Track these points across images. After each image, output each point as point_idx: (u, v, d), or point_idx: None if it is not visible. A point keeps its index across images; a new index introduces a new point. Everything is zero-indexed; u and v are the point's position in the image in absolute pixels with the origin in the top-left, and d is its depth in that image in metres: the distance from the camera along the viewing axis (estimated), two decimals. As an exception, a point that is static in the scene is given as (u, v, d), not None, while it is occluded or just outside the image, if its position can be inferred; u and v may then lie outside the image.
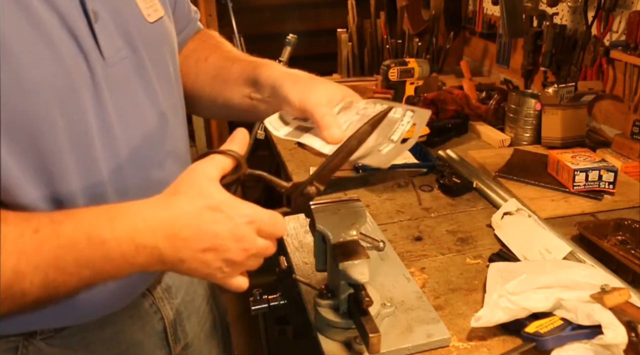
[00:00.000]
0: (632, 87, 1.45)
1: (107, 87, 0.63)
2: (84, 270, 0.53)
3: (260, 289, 1.03)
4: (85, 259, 0.53)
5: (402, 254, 1.03)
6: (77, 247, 0.52)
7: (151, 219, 0.55)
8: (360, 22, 2.25)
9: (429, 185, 1.31)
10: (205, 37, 0.95)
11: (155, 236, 0.54)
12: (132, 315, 0.77)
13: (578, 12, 1.65)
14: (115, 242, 0.53)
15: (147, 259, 0.55)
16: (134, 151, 0.68)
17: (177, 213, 0.55)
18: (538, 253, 0.98)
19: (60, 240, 0.52)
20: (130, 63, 0.67)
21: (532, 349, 0.75)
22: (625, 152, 1.41)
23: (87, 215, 0.55)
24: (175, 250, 0.55)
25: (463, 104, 1.71)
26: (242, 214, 0.57)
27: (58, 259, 0.52)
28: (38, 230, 0.52)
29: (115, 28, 0.65)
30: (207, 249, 0.56)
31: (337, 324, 0.77)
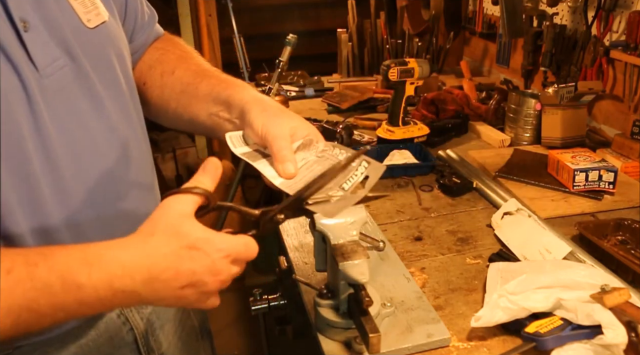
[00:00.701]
0: (632, 87, 1.45)
1: (43, 100, 0.60)
2: (58, 313, 0.53)
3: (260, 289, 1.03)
4: (59, 303, 0.52)
5: (402, 254, 1.03)
6: (52, 291, 0.52)
7: (129, 265, 0.54)
8: (360, 22, 2.25)
9: (429, 185, 1.31)
10: (169, 45, 0.91)
11: (134, 282, 0.54)
12: (98, 328, 0.74)
13: (578, 12, 1.65)
14: (92, 288, 0.53)
15: (125, 301, 0.55)
16: (83, 175, 0.65)
17: (156, 257, 0.55)
18: (538, 253, 0.98)
19: (35, 283, 0.51)
20: (70, 72, 0.64)
21: (532, 349, 0.75)
22: (625, 152, 1.41)
23: (62, 259, 0.53)
24: (154, 292, 0.56)
25: (463, 104, 1.71)
26: (218, 248, 0.57)
27: (31, 301, 0.51)
28: (11, 271, 0.51)
29: (50, 36, 0.61)
30: (186, 286, 0.57)
31: (337, 324, 0.77)
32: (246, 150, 0.72)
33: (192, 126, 0.86)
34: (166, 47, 0.90)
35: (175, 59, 0.88)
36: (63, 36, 0.63)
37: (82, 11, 0.67)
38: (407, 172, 1.36)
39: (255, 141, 0.72)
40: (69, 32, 0.64)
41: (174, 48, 0.90)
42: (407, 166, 1.37)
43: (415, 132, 1.50)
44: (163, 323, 0.85)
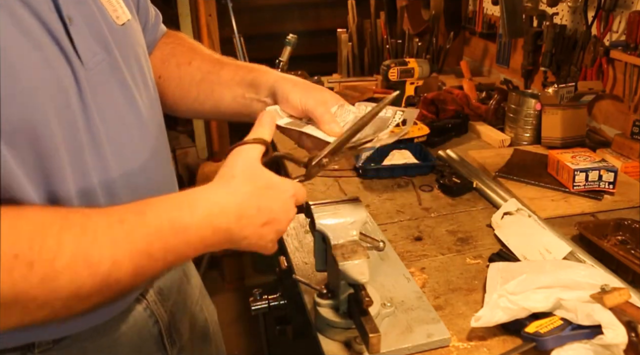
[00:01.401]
0: (632, 87, 1.45)
1: (90, 90, 0.63)
2: (169, 256, 0.58)
3: (260, 289, 1.03)
4: (170, 245, 0.57)
5: (402, 254, 1.03)
6: (163, 234, 0.57)
7: (223, 203, 0.61)
8: (360, 22, 2.25)
9: (429, 185, 1.31)
10: (178, 39, 0.95)
11: (229, 218, 0.61)
12: (128, 321, 0.77)
13: (578, 12, 1.65)
14: (196, 228, 0.59)
15: (220, 239, 0.61)
16: (118, 154, 0.68)
17: (241, 195, 0.62)
18: (538, 253, 0.98)
19: (148, 228, 0.56)
20: (107, 66, 0.67)
21: (532, 349, 0.75)
22: (625, 152, 1.41)
23: (166, 205, 0.59)
24: (241, 229, 0.62)
25: (463, 104, 1.71)
26: (286, 189, 0.66)
27: (148, 246, 0.56)
28: (123, 221, 0.55)
29: (89, 32, 0.64)
30: (265, 224, 0.64)
31: (337, 324, 0.77)
32: (287, 120, 0.79)
33: (214, 112, 0.92)
34: (175, 41, 0.94)
35: (187, 50, 0.92)
36: (100, 32, 0.67)
37: (111, 9, 0.71)
38: (407, 172, 1.36)
39: (293, 113, 0.80)
40: (104, 28, 0.68)
41: (183, 41, 0.95)
42: (407, 166, 1.37)
43: (415, 132, 1.50)
44: (182, 315, 0.88)
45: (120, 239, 0.54)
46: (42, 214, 0.52)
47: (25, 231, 0.50)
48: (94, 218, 0.54)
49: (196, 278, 1.00)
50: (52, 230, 0.51)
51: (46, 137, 0.57)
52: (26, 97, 0.55)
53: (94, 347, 0.72)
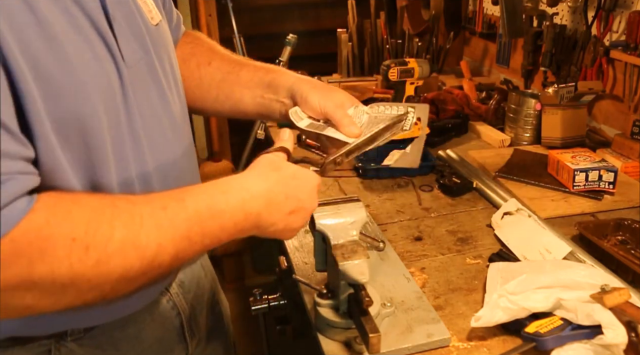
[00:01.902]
0: (632, 87, 1.45)
1: (131, 87, 0.66)
2: (205, 239, 0.61)
3: (260, 289, 1.03)
4: (207, 229, 0.61)
5: (402, 254, 1.03)
6: (202, 219, 0.60)
7: (253, 189, 0.65)
8: (360, 22, 2.25)
9: (429, 185, 1.31)
10: (197, 39, 0.97)
11: (259, 204, 0.65)
12: (152, 313, 0.80)
13: (578, 12, 1.65)
14: (231, 213, 0.63)
15: (250, 224, 0.65)
16: (154, 151, 0.71)
17: (270, 183, 0.66)
18: (538, 253, 0.98)
19: (188, 213, 0.59)
20: (144, 65, 0.70)
21: (532, 349, 0.75)
22: (625, 152, 1.41)
23: (203, 192, 0.63)
24: (270, 215, 0.66)
25: (463, 104, 1.71)
26: (311, 179, 0.71)
27: (188, 230, 0.59)
28: (166, 207, 0.58)
29: (130, 31, 0.67)
30: (292, 212, 0.68)
31: (337, 324, 0.77)
32: (307, 122, 0.84)
33: (234, 111, 0.95)
34: (194, 40, 0.97)
35: (206, 50, 0.95)
36: (138, 31, 0.69)
37: (146, 9, 0.73)
38: (407, 172, 1.36)
39: (312, 114, 0.84)
40: (142, 27, 0.70)
41: (202, 41, 0.98)
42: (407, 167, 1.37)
43: (415, 132, 1.49)
44: (201, 308, 0.91)
45: (164, 224, 0.57)
46: (94, 200, 0.56)
47: (81, 217, 0.53)
48: (139, 205, 0.57)
49: (211, 272, 1.03)
50: (104, 216, 0.54)
51: (94, 129, 0.60)
52: (79, 89, 0.57)
53: (122, 336, 0.76)
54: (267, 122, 1.76)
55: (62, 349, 0.70)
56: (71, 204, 0.53)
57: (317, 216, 0.77)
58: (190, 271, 0.89)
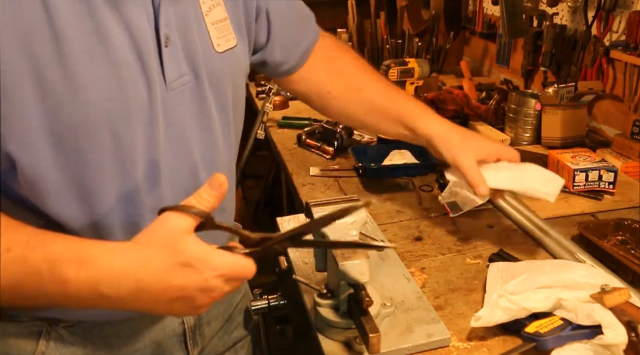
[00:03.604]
0: (632, 87, 1.45)
1: (163, 111, 0.64)
2: (41, 299, 0.56)
3: (260, 289, 1.03)
4: (44, 291, 0.55)
5: (402, 254, 1.03)
6: (39, 278, 0.54)
7: (118, 273, 0.55)
8: (360, 22, 2.25)
9: (429, 185, 1.31)
10: (340, 53, 1.03)
11: (120, 290, 0.55)
12: (152, 317, 0.78)
13: (578, 12, 1.65)
14: (77, 286, 0.54)
15: (110, 305, 0.57)
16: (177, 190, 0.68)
17: (147, 269, 0.55)
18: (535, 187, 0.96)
19: (26, 267, 0.54)
20: (191, 90, 0.68)
21: (532, 349, 0.75)
22: (625, 152, 1.41)
23: (58, 249, 0.55)
24: (141, 301, 0.57)
25: (463, 104, 1.71)
26: (213, 268, 0.57)
27: (19, 283, 0.54)
28: (10, 250, 0.54)
29: (184, 53, 0.65)
30: (175, 300, 0.57)
31: (337, 324, 0.77)
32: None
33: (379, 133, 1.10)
34: (340, 56, 1.02)
35: (356, 72, 1.01)
36: (194, 56, 0.67)
37: (215, 35, 0.71)
38: (407, 172, 1.36)
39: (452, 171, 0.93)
40: (201, 53, 0.68)
41: (347, 56, 1.03)
42: (407, 166, 1.37)
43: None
44: (211, 319, 0.90)
45: None
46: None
47: None
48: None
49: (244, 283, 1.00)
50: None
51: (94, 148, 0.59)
52: (83, 108, 0.56)
53: (115, 332, 0.75)
54: (268, 122, 1.76)
55: (52, 333, 0.71)
56: None
57: (317, 216, 0.77)
58: None
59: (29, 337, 0.70)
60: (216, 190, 0.60)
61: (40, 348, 0.71)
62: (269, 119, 1.76)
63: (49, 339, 0.71)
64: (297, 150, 1.55)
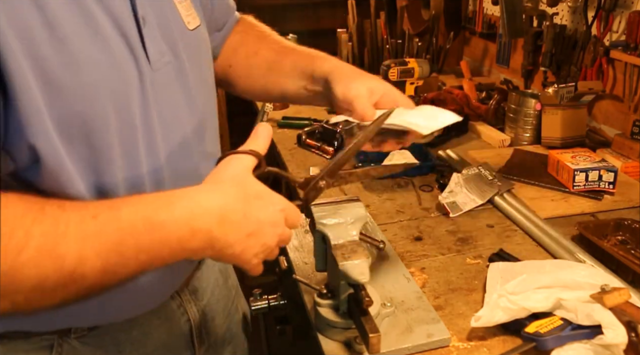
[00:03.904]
0: (632, 87, 1.45)
1: (152, 90, 0.65)
2: (141, 255, 0.55)
3: (260, 289, 1.03)
4: (143, 243, 0.55)
5: (402, 254, 1.03)
6: (137, 231, 0.54)
7: (205, 204, 0.58)
8: (360, 22, 2.25)
9: (429, 185, 1.31)
10: (247, 27, 0.98)
11: (210, 220, 0.57)
12: (160, 317, 0.79)
13: (578, 12, 1.65)
14: (174, 225, 0.55)
15: (200, 243, 0.57)
16: (171, 155, 0.69)
17: (227, 199, 0.59)
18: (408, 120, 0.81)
19: (121, 223, 0.54)
20: (173, 69, 0.69)
21: (532, 349, 0.75)
22: (625, 152, 1.41)
23: (144, 201, 0.57)
24: (225, 235, 0.58)
25: (463, 104, 1.71)
26: (276, 202, 0.63)
27: (118, 243, 0.53)
28: (96, 216, 0.53)
29: (160, 33, 0.66)
30: (251, 234, 0.60)
31: (337, 324, 0.77)
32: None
33: (284, 99, 0.96)
34: (245, 29, 0.98)
35: (254, 39, 0.96)
36: (171, 34, 0.68)
37: (184, 14, 0.72)
38: (407, 172, 1.36)
39: (341, 106, 0.81)
40: (175, 31, 0.69)
41: (251, 29, 0.98)
42: (407, 166, 1.37)
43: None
44: (214, 315, 0.90)
45: (90, 233, 0.52)
46: (20, 204, 0.51)
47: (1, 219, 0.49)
48: (68, 211, 0.53)
49: (233, 278, 1.02)
50: (24, 221, 0.50)
51: (101, 130, 0.59)
52: (86, 91, 0.56)
53: (126, 338, 0.75)
54: (268, 122, 1.76)
55: (64, 345, 0.70)
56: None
57: (317, 216, 0.77)
58: (205, 278, 0.88)
59: (39, 353, 0.69)
60: (264, 137, 0.66)
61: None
62: (268, 119, 1.76)
63: (61, 352, 0.70)
64: (297, 150, 1.55)
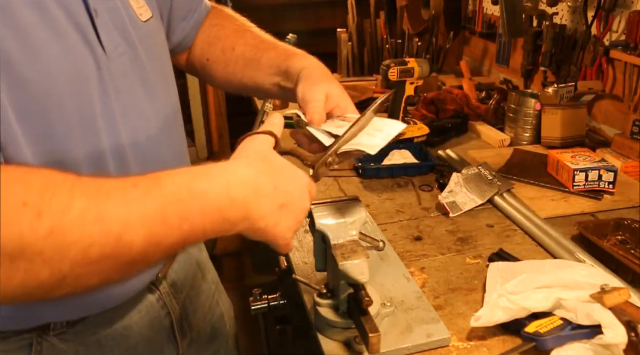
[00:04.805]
0: (632, 87, 1.45)
1: (111, 80, 0.66)
2: (185, 224, 0.54)
3: (260, 289, 1.03)
4: (187, 212, 0.54)
5: (402, 254, 1.03)
6: (179, 199, 0.53)
7: (240, 176, 0.59)
8: (360, 22, 2.25)
9: (429, 185, 1.31)
10: (224, 20, 0.98)
11: (246, 191, 0.58)
12: (141, 311, 0.79)
13: (578, 12, 1.65)
14: (214, 194, 0.56)
15: (238, 213, 0.58)
16: (137, 146, 0.70)
17: (258, 172, 0.60)
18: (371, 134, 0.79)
19: (163, 191, 0.53)
20: (129, 59, 0.70)
21: (532, 349, 0.75)
22: (625, 152, 1.41)
23: (182, 173, 0.57)
24: (259, 206, 0.59)
25: (463, 104, 1.71)
26: (300, 176, 0.64)
27: (162, 211, 0.52)
28: (137, 185, 0.52)
29: (114, 25, 0.68)
30: (283, 206, 0.61)
31: (337, 324, 0.77)
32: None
33: (259, 94, 0.99)
34: (221, 22, 0.98)
35: (232, 34, 0.96)
36: (124, 26, 0.70)
37: (135, 6, 0.74)
38: (407, 172, 1.36)
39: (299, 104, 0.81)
40: (128, 23, 0.71)
41: (228, 22, 0.98)
42: (407, 166, 1.37)
43: (415, 132, 1.50)
44: (196, 309, 0.91)
45: (133, 200, 0.51)
46: (55, 172, 0.49)
47: (37, 183, 0.47)
48: (108, 181, 0.51)
49: (212, 274, 1.03)
50: (65, 185, 0.48)
51: (60, 119, 0.60)
52: (43, 78, 0.58)
53: (107, 334, 0.75)
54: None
55: (44, 344, 0.69)
56: (27, 172, 0.48)
57: (317, 216, 0.77)
58: (183, 272, 0.88)
59: (19, 353, 0.68)
60: (277, 122, 0.69)
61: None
62: (269, 119, 1.76)
63: (40, 350, 0.69)
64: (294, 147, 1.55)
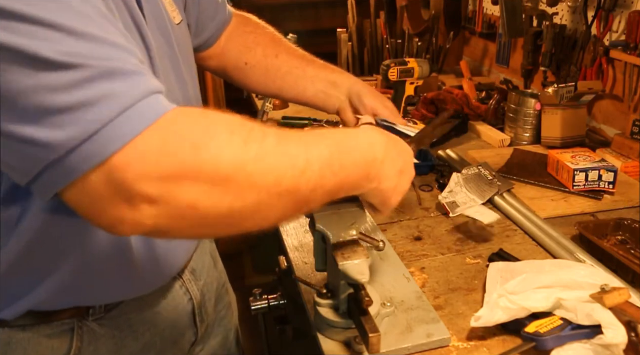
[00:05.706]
0: (632, 87, 1.45)
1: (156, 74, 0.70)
2: (342, 172, 0.61)
3: (260, 289, 1.04)
4: (345, 161, 0.61)
5: (402, 254, 1.03)
6: (340, 149, 0.61)
7: (378, 139, 0.68)
8: (360, 22, 2.25)
9: (429, 185, 1.31)
10: (257, 29, 1.09)
11: (383, 152, 0.67)
12: (167, 297, 0.84)
13: (578, 12, 1.65)
14: (363, 150, 0.64)
15: (376, 171, 0.66)
16: None
17: (386, 139, 0.69)
18: None
19: (329, 141, 0.61)
20: (169, 61, 0.75)
21: (532, 349, 0.75)
22: (625, 152, 1.41)
23: (333, 132, 0.65)
24: (389, 167, 0.67)
25: (463, 104, 1.71)
26: (409, 149, 0.75)
27: (329, 157, 0.59)
28: (307, 134, 0.60)
29: (157, 25, 0.73)
30: (401, 171, 0.70)
31: (337, 324, 0.77)
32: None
33: (295, 99, 1.10)
34: (255, 30, 1.09)
35: (271, 42, 1.09)
36: (165, 28, 0.74)
37: (170, 9, 0.79)
38: (407, 172, 1.36)
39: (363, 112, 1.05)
40: (169, 25, 0.76)
41: (262, 30, 1.11)
42: (410, 166, 1.37)
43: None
44: (211, 296, 0.96)
45: (310, 143, 0.58)
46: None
47: (235, 118, 0.54)
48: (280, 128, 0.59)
49: (221, 264, 1.08)
50: (254, 124, 0.55)
51: None
52: None
53: (139, 319, 0.80)
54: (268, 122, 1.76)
55: (84, 328, 0.74)
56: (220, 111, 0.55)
57: (317, 216, 0.77)
58: (200, 260, 0.93)
59: (62, 337, 0.73)
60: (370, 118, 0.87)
61: (77, 344, 0.74)
62: (269, 119, 1.76)
63: (82, 334, 0.74)
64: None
